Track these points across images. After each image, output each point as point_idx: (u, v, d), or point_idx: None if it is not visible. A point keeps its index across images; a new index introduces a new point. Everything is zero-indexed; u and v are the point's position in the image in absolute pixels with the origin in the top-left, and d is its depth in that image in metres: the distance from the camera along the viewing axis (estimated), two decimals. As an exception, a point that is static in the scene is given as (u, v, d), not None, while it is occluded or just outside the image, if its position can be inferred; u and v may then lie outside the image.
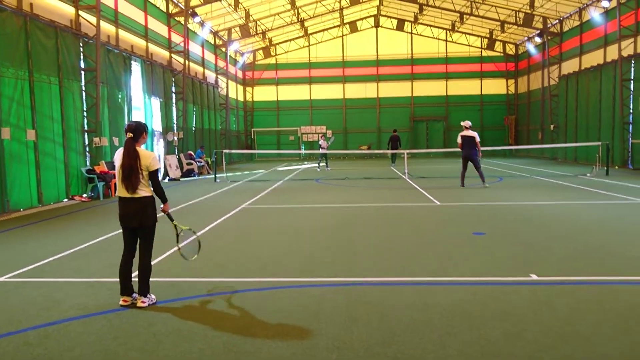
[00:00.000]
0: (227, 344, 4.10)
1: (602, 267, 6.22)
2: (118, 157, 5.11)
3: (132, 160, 5.01)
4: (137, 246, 5.25)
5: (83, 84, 15.34)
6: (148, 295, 5.11)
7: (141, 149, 5.13)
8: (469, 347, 3.97)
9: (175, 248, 5.70)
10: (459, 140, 14.75)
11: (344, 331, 4.30)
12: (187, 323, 4.57)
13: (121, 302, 5.08)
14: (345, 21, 36.55)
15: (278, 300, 5.18)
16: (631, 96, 21.62)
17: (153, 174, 5.14)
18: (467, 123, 14.94)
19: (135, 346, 4.09)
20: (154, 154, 5.19)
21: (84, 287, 5.80)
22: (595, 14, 24.87)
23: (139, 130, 5.10)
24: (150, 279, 5.24)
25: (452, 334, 4.21)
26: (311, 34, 37.42)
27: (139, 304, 5.03)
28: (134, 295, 5.13)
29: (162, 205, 5.34)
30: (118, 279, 5.17)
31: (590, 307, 4.78)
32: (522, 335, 4.15)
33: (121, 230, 5.30)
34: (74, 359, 3.89)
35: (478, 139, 14.70)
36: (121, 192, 5.12)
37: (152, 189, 5.20)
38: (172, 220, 5.56)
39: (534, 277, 5.81)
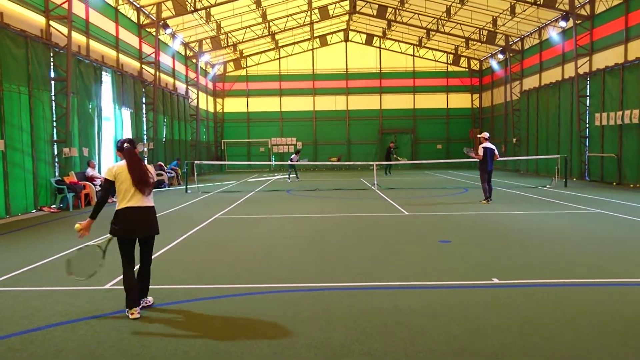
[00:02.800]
0: (211, 345, 4.31)
1: (558, 272, 6.67)
2: (120, 169, 5.16)
3: (142, 164, 5.24)
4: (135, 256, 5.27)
5: (53, 94, 15.22)
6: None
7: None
8: (436, 344, 4.29)
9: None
10: (480, 152, 14.01)
11: (321, 332, 4.57)
12: (169, 327, 4.75)
13: (135, 315, 4.97)
14: (315, 35, 37.14)
15: (256, 305, 5.41)
16: (587, 111, 22.77)
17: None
18: (486, 134, 14.49)
19: (121, 350, 4.25)
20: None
21: (62, 295, 5.88)
22: (553, 34, 26.14)
23: (134, 142, 5.39)
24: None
25: (421, 333, 4.53)
26: (282, 46, 37.85)
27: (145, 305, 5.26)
28: (142, 300, 5.26)
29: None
30: (126, 293, 5.05)
31: (547, 308, 5.18)
32: (485, 333, 4.51)
33: (91, 242, 5.32)
34: (61, 362, 4.02)
35: (497, 152, 14.27)
36: (133, 201, 5.12)
37: None
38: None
39: (495, 280, 6.21)
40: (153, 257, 6.24)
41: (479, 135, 14.87)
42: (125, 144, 5.27)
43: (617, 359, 3.95)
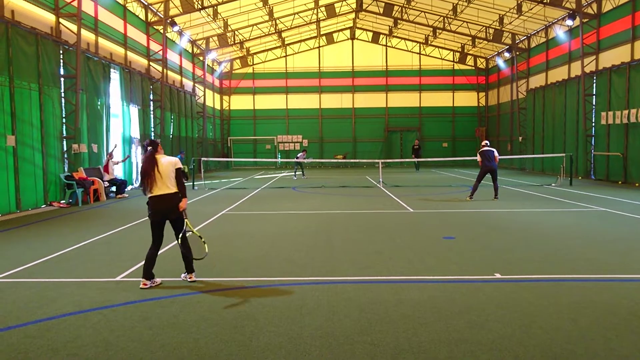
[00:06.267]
0: (220, 334, 4.46)
1: (559, 267, 6.78)
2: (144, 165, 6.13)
3: (149, 163, 6.09)
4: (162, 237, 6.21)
5: (62, 90, 15.45)
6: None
7: (162, 155, 6.21)
8: (438, 335, 4.42)
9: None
10: (478, 158, 14.94)
11: (326, 322, 4.71)
12: (179, 317, 4.91)
13: (141, 286, 5.91)
14: (321, 33, 37.23)
15: (263, 297, 5.56)
16: (593, 110, 22.76)
17: (181, 172, 6.26)
18: (486, 142, 15.33)
19: (133, 337, 4.41)
20: (175, 158, 6.30)
21: (75, 286, 6.05)
22: (560, 32, 26.11)
23: (154, 144, 6.26)
24: (140, 278, 5.92)
25: (423, 325, 4.66)
26: (288, 44, 37.97)
27: (190, 279, 6.15)
28: (154, 280, 6.06)
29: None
30: (144, 265, 6.01)
31: (547, 302, 5.30)
32: (486, 325, 4.63)
33: (100, 236, 5.66)
34: (76, 349, 4.18)
35: (496, 154, 14.91)
36: (156, 190, 6.03)
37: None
38: (186, 217, 6.25)
39: (497, 275, 6.33)
40: (164, 249, 6.45)
41: (483, 143, 15.42)
42: (149, 147, 6.21)
43: (613, 350, 4.07)
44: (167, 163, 6.07)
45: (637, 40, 19.76)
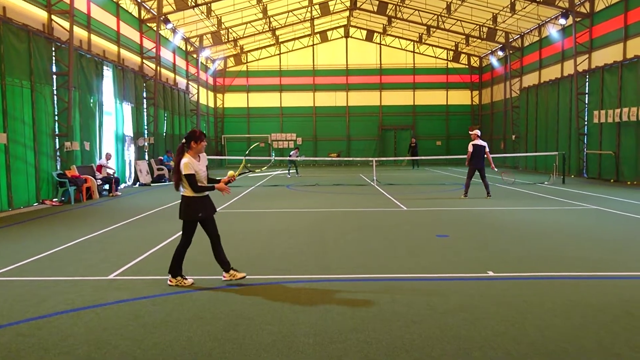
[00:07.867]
0: (213, 332, 4.45)
1: (552, 265, 6.82)
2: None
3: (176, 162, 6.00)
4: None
5: (55, 88, 15.33)
6: (177, 277, 5.99)
7: (186, 155, 5.88)
8: (431, 332, 4.43)
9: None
10: (470, 149, 14.21)
11: (319, 320, 4.71)
12: (172, 315, 4.89)
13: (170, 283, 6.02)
14: (315, 31, 37.20)
15: (256, 295, 5.54)
16: (586, 109, 22.90)
17: (185, 177, 5.86)
18: (477, 132, 14.41)
19: (125, 336, 4.39)
20: (185, 160, 5.81)
21: (68, 285, 6.02)
22: (553, 31, 26.22)
23: (188, 139, 5.91)
24: (138, 277, 5.92)
25: (416, 322, 4.67)
26: (282, 42, 37.90)
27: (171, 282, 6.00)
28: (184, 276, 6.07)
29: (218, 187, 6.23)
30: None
31: (540, 299, 5.32)
32: (478, 323, 4.65)
33: (93, 235, 5.65)
34: (68, 347, 4.16)
35: (487, 149, 14.31)
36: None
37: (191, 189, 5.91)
38: (233, 180, 6.42)
39: (491, 273, 6.36)
40: (159, 246, 6.40)
41: (470, 133, 14.63)
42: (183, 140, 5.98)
43: (605, 348, 4.09)
44: (177, 166, 5.90)
45: (630, 39, 19.88)
